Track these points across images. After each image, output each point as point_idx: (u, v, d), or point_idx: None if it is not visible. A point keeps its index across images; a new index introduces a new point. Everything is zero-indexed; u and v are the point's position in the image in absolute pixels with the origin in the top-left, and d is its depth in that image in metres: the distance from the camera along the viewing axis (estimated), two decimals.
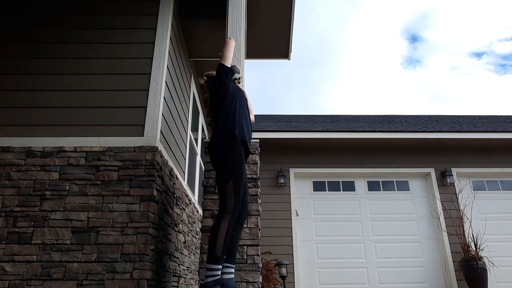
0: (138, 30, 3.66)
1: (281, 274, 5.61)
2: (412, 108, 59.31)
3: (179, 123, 4.33)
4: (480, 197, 6.84)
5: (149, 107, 3.32)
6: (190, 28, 4.52)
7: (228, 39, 2.95)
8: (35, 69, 3.50)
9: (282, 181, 6.75)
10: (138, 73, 3.47)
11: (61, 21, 3.71)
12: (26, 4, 3.76)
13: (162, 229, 3.26)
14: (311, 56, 54.92)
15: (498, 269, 6.28)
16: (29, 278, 2.72)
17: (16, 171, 3.04)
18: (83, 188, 3.00)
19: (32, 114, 3.32)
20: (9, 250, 2.79)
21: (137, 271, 2.74)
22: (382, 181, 7.08)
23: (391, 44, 49.39)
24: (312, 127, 7.56)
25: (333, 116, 9.79)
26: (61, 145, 3.16)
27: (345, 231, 6.67)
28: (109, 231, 2.86)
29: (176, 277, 3.86)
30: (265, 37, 5.08)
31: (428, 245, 6.59)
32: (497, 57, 46.25)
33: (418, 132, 6.98)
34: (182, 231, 4.15)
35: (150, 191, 2.99)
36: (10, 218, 2.89)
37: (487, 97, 47.84)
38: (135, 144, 3.17)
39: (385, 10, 42.36)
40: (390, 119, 9.08)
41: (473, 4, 43.91)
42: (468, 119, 8.85)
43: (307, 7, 40.41)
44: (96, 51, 3.57)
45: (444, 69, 47.92)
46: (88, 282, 2.71)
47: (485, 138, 6.92)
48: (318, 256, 6.52)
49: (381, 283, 6.32)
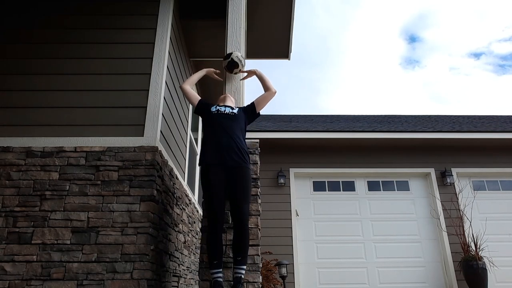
0: (138, 30, 3.66)
1: (281, 274, 5.61)
2: (412, 108, 59.31)
3: (179, 123, 4.34)
4: (480, 197, 6.84)
5: (149, 107, 3.32)
6: (190, 28, 4.52)
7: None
8: (35, 69, 3.50)
9: (282, 181, 6.75)
10: (138, 73, 3.48)
11: (61, 21, 3.71)
12: (27, 4, 3.76)
13: (162, 229, 3.26)
14: (311, 56, 54.94)
15: (498, 269, 6.27)
16: (29, 278, 2.72)
17: (16, 171, 3.04)
18: (83, 188, 3.00)
19: (32, 114, 3.32)
20: (9, 250, 2.79)
21: (137, 271, 2.74)
22: (382, 181, 7.08)
23: (390, 44, 49.42)
24: (312, 127, 7.56)
25: (333, 116, 9.79)
26: (61, 145, 3.16)
27: (345, 231, 6.67)
28: (109, 231, 2.86)
29: (176, 277, 3.86)
30: (265, 37, 5.08)
31: (428, 245, 6.58)
32: (496, 57, 46.27)
33: (418, 132, 6.98)
34: (182, 231, 4.15)
35: (150, 191, 2.99)
36: (10, 218, 2.89)
37: (486, 97, 47.85)
38: (135, 144, 3.17)
39: (384, 11, 42.37)
40: (390, 119, 9.08)
41: (472, 5, 43.93)
42: (468, 119, 8.84)
43: (306, 8, 40.43)
44: (96, 51, 3.57)
45: (443, 69, 47.94)
46: (88, 282, 2.71)
47: (485, 138, 6.92)
48: (318, 256, 6.52)
49: (381, 283, 6.32)
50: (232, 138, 2.76)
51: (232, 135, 2.77)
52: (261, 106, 3.07)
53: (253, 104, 3.07)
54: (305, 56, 54.67)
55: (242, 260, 2.58)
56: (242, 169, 2.72)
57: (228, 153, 2.72)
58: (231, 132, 2.79)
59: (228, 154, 2.72)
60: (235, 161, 2.71)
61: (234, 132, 2.80)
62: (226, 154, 2.72)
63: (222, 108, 2.94)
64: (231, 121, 2.85)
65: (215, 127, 2.84)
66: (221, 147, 2.74)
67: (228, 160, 2.71)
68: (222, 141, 2.75)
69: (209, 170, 2.72)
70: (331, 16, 49.19)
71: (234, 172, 2.70)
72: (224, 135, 2.77)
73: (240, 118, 2.92)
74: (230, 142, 2.75)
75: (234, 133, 2.79)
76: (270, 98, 3.11)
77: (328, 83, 59.02)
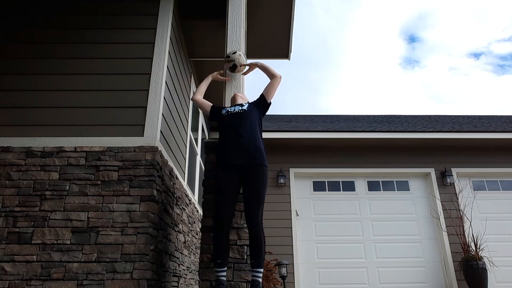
0: (138, 30, 3.66)
1: (281, 274, 5.61)
2: (412, 108, 59.34)
3: (179, 123, 4.33)
4: (480, 197, 6.84)
5: (149, 107, 3.32)
6: (190, 28, 4.52)
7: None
8: (35, 69, 3.50)
9: (282, 181, 6.75)
10: (138, 73, 3.47)
11: (61, 22, 3.70)
12: (27, 4, 3.76)
13: (162, 229, 3.26)
14: (311, 56, 54.95)
15: (498, 269, 6.27)
16: (29, 278, 2.72)
17: (16, 171, 3.04)
18: (83, 188, 3.00)
19: (32, 114, 3.32)
20: (9, 250, 2.79)
21: (137, 271, 2.74)
22: (382, 181, 7.08)
23: (389, 44, 49.43)
24: (312, 127, 7.56)
25: (333, 116, 9.78)
26: (61, 145, 3.16)
27: (345, 231, 6.67)
28: (109, 231, 2.86)
29: (176, 277, 3.86)
30: (265, 37, 5.07)
31: (428, 245, 6.58)
32: (495, 57, 46.30)
33: (418, 132, 6.98)
34: (182, 231, 4.15)
35: (150, 191, 2.99)
36: (10, 218, 2.89)
37: (486, 97, 47.87)
38: (135, 144, 3.17)
39: (383, 11, 42.38)
40: (390, 119, 9.07)
41: (471, 5, 43.94)
42: (468, 119, 8.84)
43: (306, 7, 40.43)
44: (96, 51, 3.57)
45: (442, 69, 47.98)
46: (88, 282, 2.71)
47: (485, 138, 6.92)
48: (318, 256, 6.52)
49: (381, 283, 6.32)
50: (243, 137, 2.76)
51: (243, 133, 2.78)
52: (271, 94, 3.06)
53: (262, 95, 3.07)
54: (305, 56, 54.67)
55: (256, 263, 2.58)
56: (254, 168, 2.71)
57: (239, 152, 2.73)
58: (242, 130, 2.79)
59: (239, 153, 2.72)
60: (247, 160, 2.71)
61: (245, 129, 2.80)
62: (237, 154, 2.73)
63: (232, 109, 2.96)
64: (240, 119, 2.86)
65: (226, 129, 2.88)
66: (232, 147, 2.76)
67: (239, 160, 2.71)
68: (233, 141, 2.77)
69: (221, 171, 2.75)
70: (331, 16, 49.21)
71: (246, 172, 2.71)
72: (234, 135, 2.79)
73: (251, 113, 2.92)
74: (241, 141, 2.75)
75: (245, 130, 2.79)
76: (277, 84, 3.09)
77: (328, 83, 59.02)
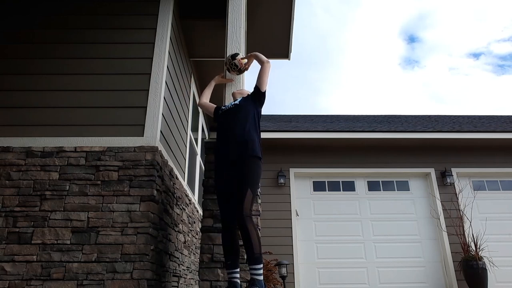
0: (138, 30, 3.66)
1: (281, 274, 5.60)
2: (412, 108, 59.33)
3: (179, 123, 4.33)
4: (480, 197, 6.84)
5: (149, 107, 3.32)
6: (190, 28, 4.52)
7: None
8: (35, 69, 3.50)
9: (282, 181, 6.75)
10: (138, 73, 3.47)
11: (61, 22, 3.70)
12: (27, 4, 3.76)
13: (162, 229, 3.26)
14: (311, 56, 54.94)
15: (498, 269, 6.27)
16: (29, 278, 2.72)
17: (16, 171, 3.04)
18: (83, 188, 3.00)
19: (32, 114, 3.32)
20: (9, 250, 2.79)
21: (137, 271, 2.74)
22: (382, 181, 7.08)
23: (389, 44, 49.43)
24: (312, 127, 7.56)
25: (333, 116, 9.78)
26: (61, 145, 3.16)
27: (345, 231, 6.67)
28: (109, 231, 2.86)
29: (176, 277, 3.86)
30: (265, 37, 5.07)
31: (428, 245, 6.58)
32: (495, 57, 46.29)
33: (418, 132, 6.98)
34: (182, 231, 4.15)
35: (150, 191, 2.99)
36: (10, 218, 2.89)
37: (485, 97, 47.87)
38: (135, 144, 3.17)
39: (383, 11, 42.38)
40: (390, 119, 9.07)
41: (471, 5, 43.94)
42: (468, 119, 8.84)
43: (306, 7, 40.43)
44: (96, 51, 3.57)
45: (442, 69, 47.97)
46: (88, 282, 2.71)
47: (485, 138, 6.92)
48: (318, 256, 6.52)
49: (381, 283, 6.32)
50: (233, 132, 2.74)
51: (234, 128, 2.75)
52: (262, 82, 2.94)
53: (255, 86, 3.00)
54: (305, 56, 54.65)
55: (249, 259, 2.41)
56: (241, 161, 2.64)
57: (229, 148, 2.71)
58: (233, 125, 2.77)
59: (229, 149, 2.70)
60: (235, 154, 2.67)
61: (236, 124, 2.77)
62: (228, 150, 2.71)
63: (226, 106, 2.98)
64: (233, 114, 2.84)
65: (221, 127, 2.90)
66: (224, 144, 2.76)
67: (231, 155, 2.68)
68: (225, 138, 2.78)
69: (217, 169, 2.77)
70: (331, 16, 49.20)
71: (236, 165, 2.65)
72: (226, 131, 2.80)
73: (245, 105, 2.88)
74: (231, 136, 2.74)
75: (236, 125, 2.76)
76: (266, 70, 2.98)
77: (328, 83, 59.02)
